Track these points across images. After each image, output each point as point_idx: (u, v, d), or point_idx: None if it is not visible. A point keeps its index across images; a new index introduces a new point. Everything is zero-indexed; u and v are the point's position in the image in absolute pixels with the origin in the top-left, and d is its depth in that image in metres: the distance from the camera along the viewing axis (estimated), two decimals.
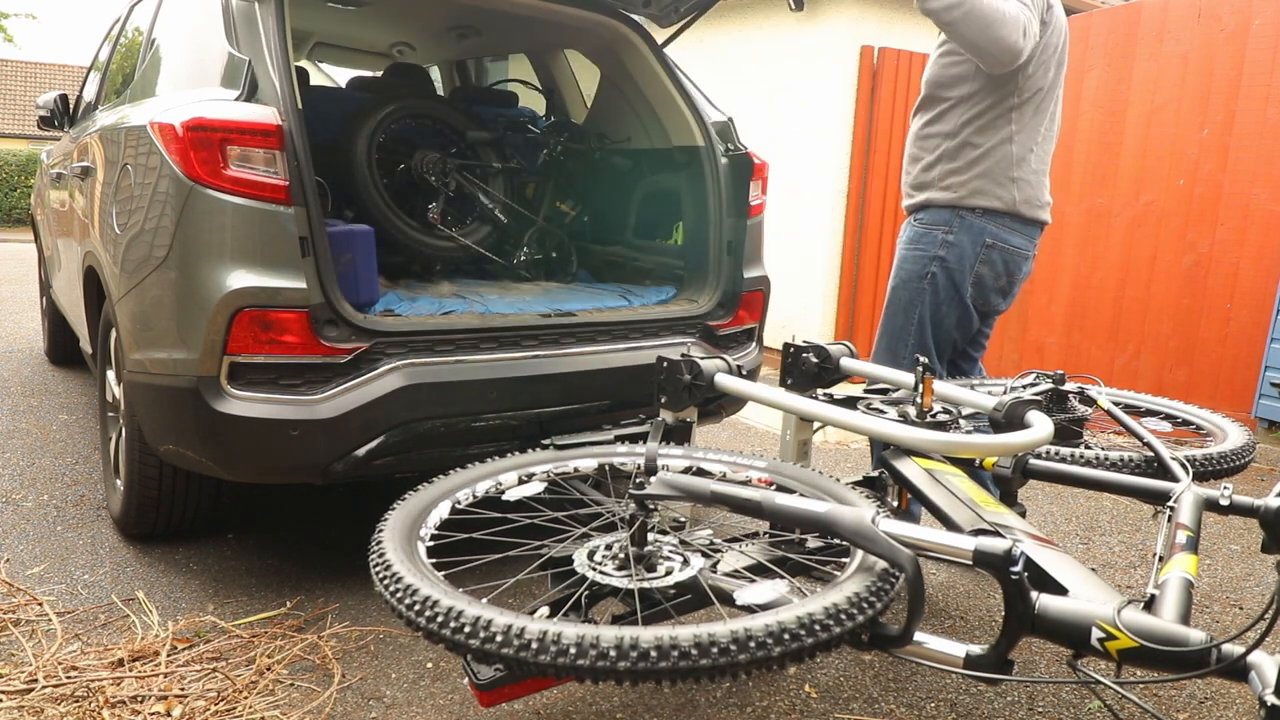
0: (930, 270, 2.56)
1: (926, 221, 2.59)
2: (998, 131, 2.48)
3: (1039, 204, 2.58)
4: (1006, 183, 2.50)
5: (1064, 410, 2.24)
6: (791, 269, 6.34)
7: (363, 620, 2.30)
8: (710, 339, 2.89)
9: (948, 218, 2.55)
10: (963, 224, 2.53)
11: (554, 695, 1.98)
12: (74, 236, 3.23)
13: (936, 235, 2.56)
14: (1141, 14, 4.77)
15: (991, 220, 2.53)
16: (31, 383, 4.69)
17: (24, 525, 2.81)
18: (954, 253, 2.54)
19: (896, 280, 2.65)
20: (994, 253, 2.54)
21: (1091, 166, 5.04)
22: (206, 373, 2.11)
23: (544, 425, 2.47)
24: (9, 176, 18.49)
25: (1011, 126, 2.49)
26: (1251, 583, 2.78)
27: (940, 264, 2.55)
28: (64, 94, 4.17)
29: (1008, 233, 2.55)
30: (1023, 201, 2.53)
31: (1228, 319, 4.48)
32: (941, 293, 2.57)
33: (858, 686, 2.08)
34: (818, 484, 1.75)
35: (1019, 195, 2.51)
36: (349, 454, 2.21)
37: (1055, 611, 1.26)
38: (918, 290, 2.59)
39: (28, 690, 1.87)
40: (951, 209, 2.54)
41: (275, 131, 2.09)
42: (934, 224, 2.57)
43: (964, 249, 2.54)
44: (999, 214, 2.53)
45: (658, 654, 1.10)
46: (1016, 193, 2.51)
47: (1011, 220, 2.54)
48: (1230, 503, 1.63)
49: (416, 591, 1.27)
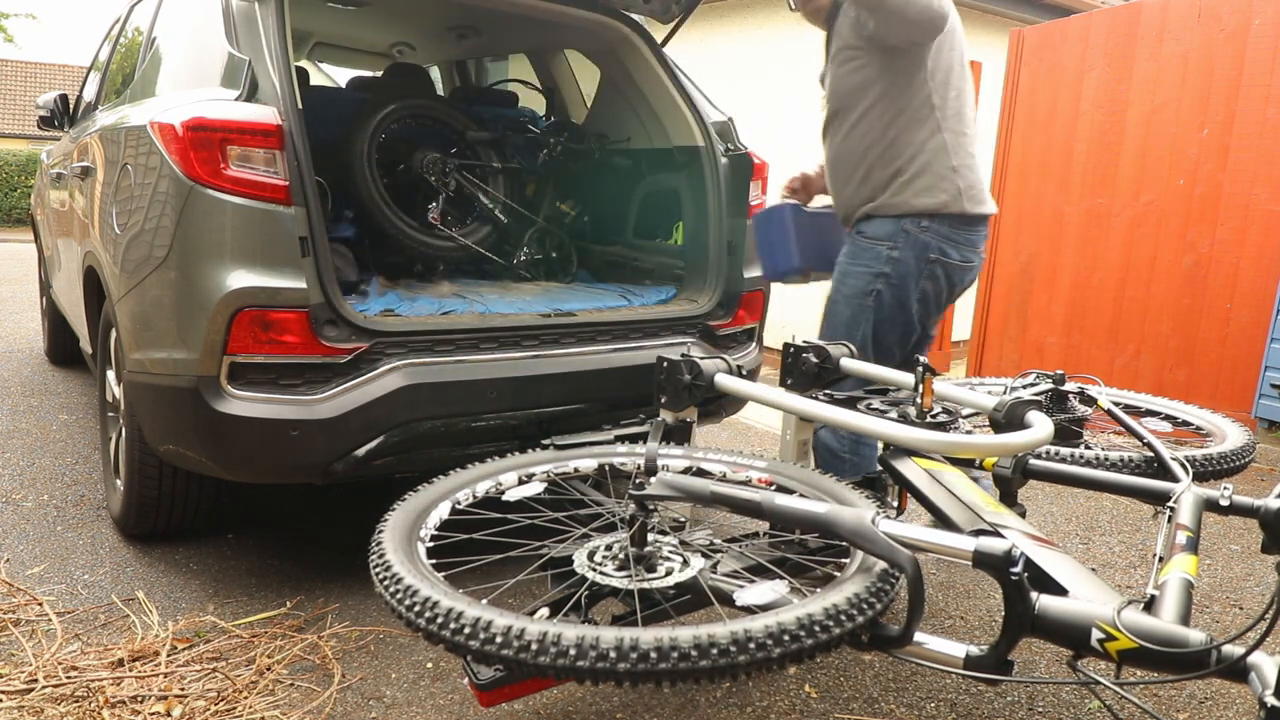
0: (875, 288, 2.45)
1: (869, 235, 2.47)
2: (924, 123, 2.39)
3: (980, 193, 2.46)
4: (948, 173, 2.39)
5: (1064, 410, 2.24)
6: None
7: (363, 620, 2.30)
8: (710, 339, 2.89)
9: (891, 231, 2.43)
10: (906, 239, 2.41)
11: (554, 695, 1.98)
12: (74, 236, 3.23)
13: (880, 251, 2.44)
14: (1141, 14, 4.76)
15: (935, 232, 2.41)
16: (31, 383, 4.69)
17: (24, 525, 2.81)
18: (898, 269, 2.42)
19: (838, 295, 2.53)
20: (937, 268, 2.44)
21: (1091, 166, 5.04)
22: (206, 373, 2.11)
23: (544, 425, 2.47)
24: (9, 176, 18.49)
25: (936, 114, 2.39)
26: (1251, 583, 2.78)
27: (885, 280, 2.43)
28: (64, 94, 4.17)
29: (951, 246, 2.43)
30: (967, 189, 2.41)
31: (1228, 319, 4.48)
32: (886, 310, 2.46)
33: (858, 686, 2.08)
34: (818, 484, 1.75)
35: (962, 184, 2.40)
36: (349, 454, 2.21)
37: (1055, 612, 1.26)
38: (860, 307, 2.48)
39: (28, 690, 1.87)
40: (895, 220, 2.43)
41: (275, 131, 2.09)
42: (877, 238, 2.45)
43: (908, 265, 2.42)
44: (943, 218, 2.41)
45: (658, 655, 1.10)
46: (960, 181, 2.39)
47: (955, 225, 2.43)
48: (1230, 503, 1.63)
49: (417, 592, 1.27)
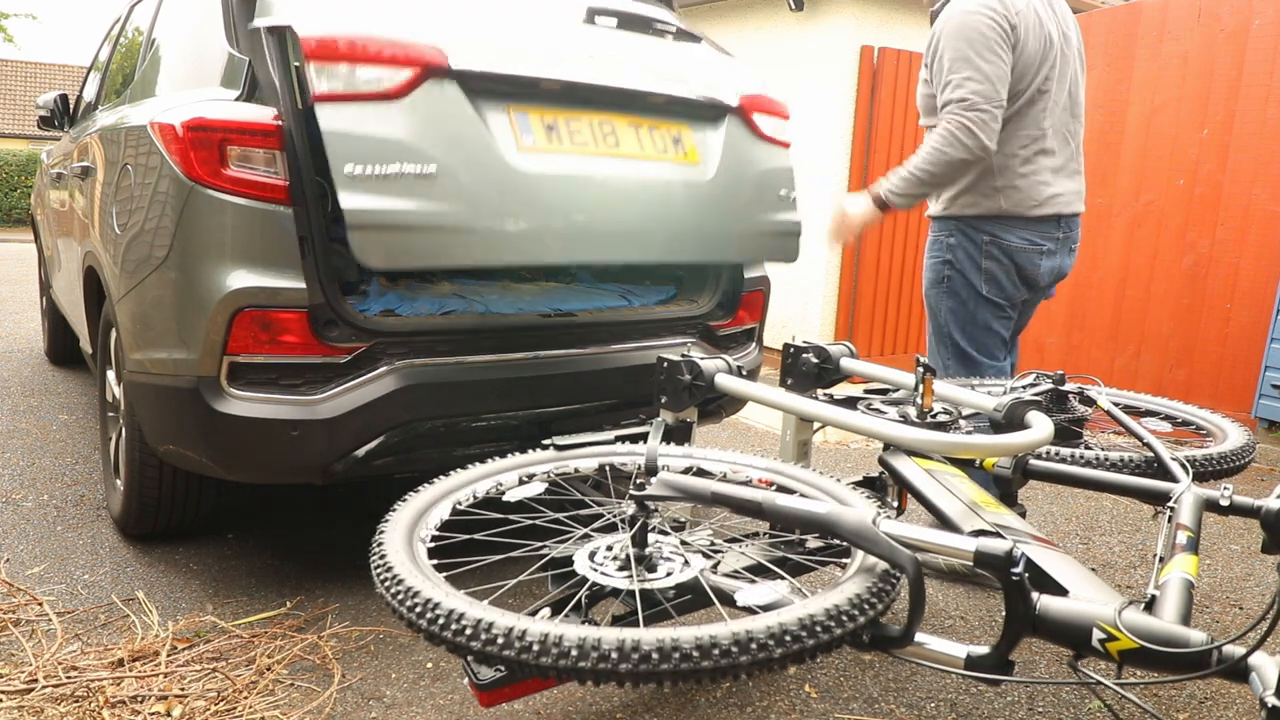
0: (945, 274, 2.75)
1: (935, 230, 2.80)
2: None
3: (1035, 203, 2.64)
4: (992, 193, 2.63)
5: (1064, 410, 2.24)
6: (791, 269, 6.34)
7: (363, 620, 2.30)
8: (710, 339, 2.89)
9: (949, 225, 2.74)
10: (959, 228, 2.71)
11: (554, 695, 1.98)
12: (74, 236, 3.23)
13: (942, 240, 2.75)
14: (1141, 14, 4.77)
15: (986, 221, 2.67)
16: (31, 383, 4.69)
17: (24, 525, 2.81)
18: (958, 254, 2.72)
19: (925, 286, 2.85)
20: (994, 248, 2.67)
21: (1091, 166, 5.01)
22: (206, 373, 2.11)
23: (544, 425, 2.47)
24: (9, 176, 18.48)
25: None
26: (1251, 583, 2.78)
27: (950, 267, 2.73)
28: (64, 94, 4.17)
29: (1004, 230, 2.66)
30: (1013, 206, 2.63)
31: (1228, 319, 4.49)
32: (961, 292, 2.73)
33: (858, 686, 2.08)
34: (818, 484, 1.74)
35: (1005, 203, 2.63)
36: (349, 454, 2.21)
37: (1056, 612, 1.26)
38: (940, 293, 2.78)
39: (28, 690, 1.87)
40: (950, 219, 2.74)
41: (275, 131, 2.09)
42: (940, 231, 2.77)
43: (967, 250, 2.70)
44: (992, 217, 2.66)
45: (659, 655, 1.10)
46: (1003, 200, 2.63)
47: (1007, 220, 2.65)
48: (1230, 503, 1.63)
49: (417, 593, 1.27)
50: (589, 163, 2.36)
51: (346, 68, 2.03)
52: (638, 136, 2.47)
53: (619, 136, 2.43)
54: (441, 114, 2.13)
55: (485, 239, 2.19)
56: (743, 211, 2.68)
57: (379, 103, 2.06)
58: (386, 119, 2.05)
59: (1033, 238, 2.67)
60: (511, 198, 2.21)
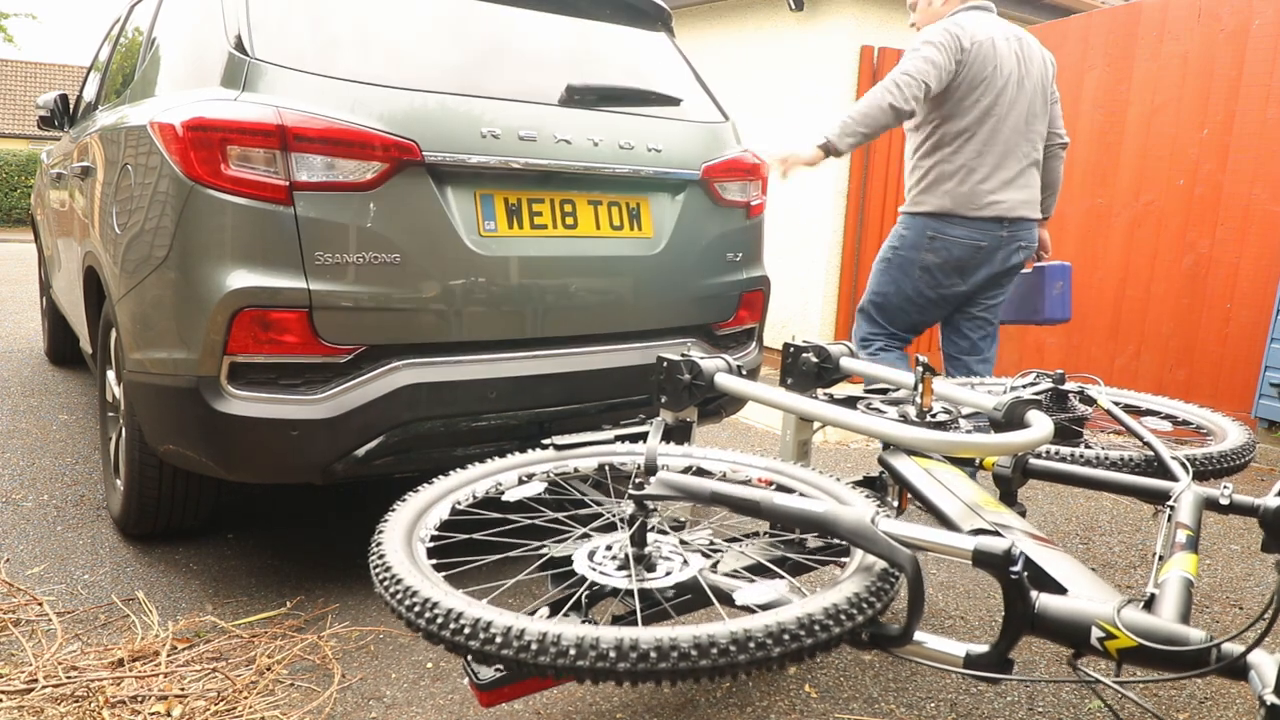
0: (889, 256, 3.37)
1: (897, 224, 3.40)
2: (930, 156, 3.23)
3: (975, 206, 3.17)
4: (941, 194, 3.21)
5: (1064, 410, 2.24)
6: (791, 269, 6.34)
7: (363, 620, 2.30)
8: (710, 339, 2.89)
9: (906, 219, 3.34)
10: (912, 221, 3.30)
11: (554, 695, 1.98)
12: (74, 236, 3.23)
13: (898, 231, 3.36)
14: (1141, 14, 4.77)
15: (933, 218, 3.23)
16: (31, 383, 4.69)
17: (24, 525, 2.81)
18: (905, 241, 3.31)
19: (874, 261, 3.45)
20: (936, 243, 3.23)
21: (1091, 166, 5.04)
22: (207, 373, 2.11)
23: (544, 425, 2.47)
24: (9, 176, 18.50)
25: (943, 151, 3.20)
26: (1251, 582, 2.78)
27: (896, 252, 3.34)
28: (64, 94, 4.17)
29: (947, 225, 3.22)
30: (955, 205, 3.18)
31: (1228, 319, 4.48)
32: (900, 268, 3.33)
33: (858, 686, 2.08)
34: (818, 484, 1.75)
35: (951, 203, 3.19)
36: (349, 454, 2.21)
37: (1055, 611, 1.26)
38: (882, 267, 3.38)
39: (28, 690, 1.87)
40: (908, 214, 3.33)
41: (275, 131, 2.09)
42: (899, 225, 3.37)
43: (913, 239, 3.29)
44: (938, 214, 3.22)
45: (657, 655, 1.10)
46: (949, 201, 3.19)
47: (950, 217, 3.20)
48: (1230, 502, 1.63)
49: (417, 593, 1.27)
50: (545, 244, 2.45)
51: (324, 160, 2.11)
52: (595, 214, 2.55)
53: (578, 216, 2.52)
54: (409, 204, 2.22)
55: (443, 319, 2.31)
56: (687, 279, 2.77)
57: (352, 193, 2.14)
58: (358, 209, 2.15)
59: (972, 234, 3.20)
60: (470, 281, 2.32)
